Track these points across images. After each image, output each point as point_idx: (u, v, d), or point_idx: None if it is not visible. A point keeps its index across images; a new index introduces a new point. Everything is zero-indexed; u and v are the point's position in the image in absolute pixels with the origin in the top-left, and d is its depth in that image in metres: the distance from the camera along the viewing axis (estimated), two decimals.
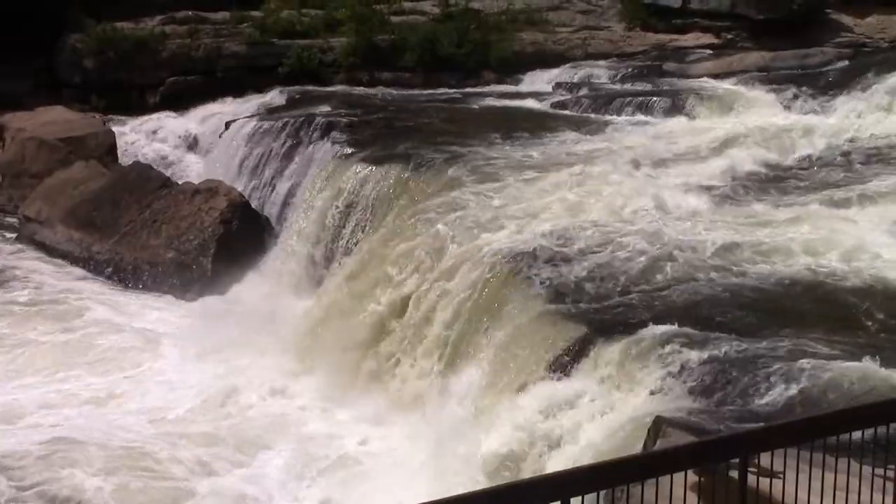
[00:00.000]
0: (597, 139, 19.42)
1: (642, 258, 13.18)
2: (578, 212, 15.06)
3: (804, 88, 22.28)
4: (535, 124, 20.74)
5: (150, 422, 14.20)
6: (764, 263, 12.92)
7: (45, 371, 15.78)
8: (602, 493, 5.28)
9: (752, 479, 5.69)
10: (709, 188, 16.35)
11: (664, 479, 5.34)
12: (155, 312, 18.20)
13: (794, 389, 9.35)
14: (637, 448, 8.74)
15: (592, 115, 22.03)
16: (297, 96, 25.43)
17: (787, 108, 21.56)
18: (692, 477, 6.30)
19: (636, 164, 17.35)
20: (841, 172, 17.37)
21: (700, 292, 12.16)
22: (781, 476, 5.75)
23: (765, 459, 5.73)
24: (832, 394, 9.17)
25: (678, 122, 20.77)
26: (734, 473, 5.71)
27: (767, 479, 6.29)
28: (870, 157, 18.17)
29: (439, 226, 14.98)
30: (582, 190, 15.88)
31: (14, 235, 21.78)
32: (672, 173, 17.02)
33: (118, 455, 13.21)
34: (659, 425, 8.70)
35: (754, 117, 20.74)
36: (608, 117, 21.74)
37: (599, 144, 18.93)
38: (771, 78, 23.71)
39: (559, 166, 17.22)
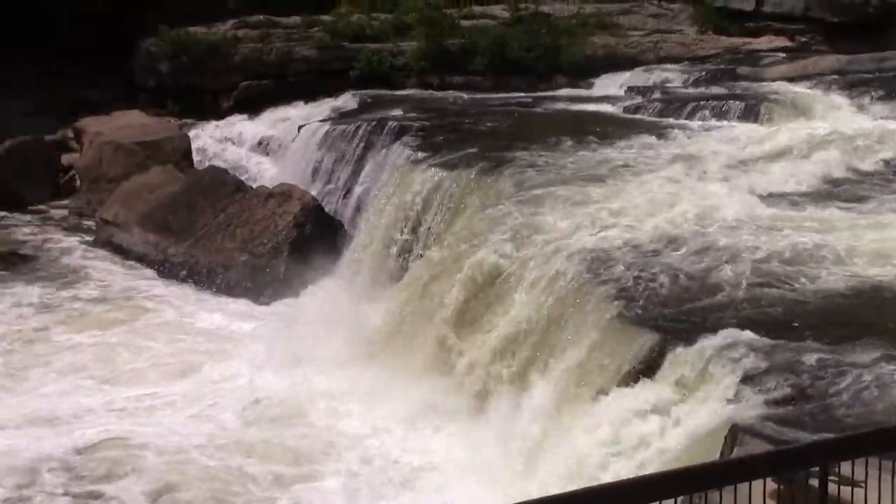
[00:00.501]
0: (670, 144, 19.30)
1: (715, 264, 13.07)
2: (651, 216, 14.95)
3: (882, 92, 22.00)
4: (608, 129, 20.65)
5: (209, 432, 13.91)
6: (842, 270, 12.75)
7: (102, 373, 15.81)
8: (679, 499, 5.28)
9: (832, 487, 5.64)
10: (784, 194, 16.18)
11: (742, 487, 5.32)
12: (227, 315, 18.29)
13: (875, 398, 9.24)
14: (713, 456, 8.70)
15: (665, 119, 21.87)
16: (368, 100, 25.63)
17: (864, 112, 21.29)
18: (771, 485, 6.26)
19: (711, 169, 17.26)
20: None
21: (775, 299, 12.04)
22: (863, 485, 5.70)
23: (846, 468, 5.68)
24: None
25: (753, 127, 20.54)
26: (814, 482, 5.68)
27: (848, 488, 6.24)
28: None
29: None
30: (652, 196, 15.80)
31: (91, 238, 22.15)
32: (747, 178, 16.86)
33: (171, 465, 12.93)
34: (735, 434, 8.66)
35: (830, 121, 20.48)
36: (681, 121, 21.58)
37: (673, 149, 18.81)
38: (847, 81, 23.40)
39: (632, 170, 17.18)
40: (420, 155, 19.08)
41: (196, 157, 24.80)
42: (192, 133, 25.76)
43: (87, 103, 26.11)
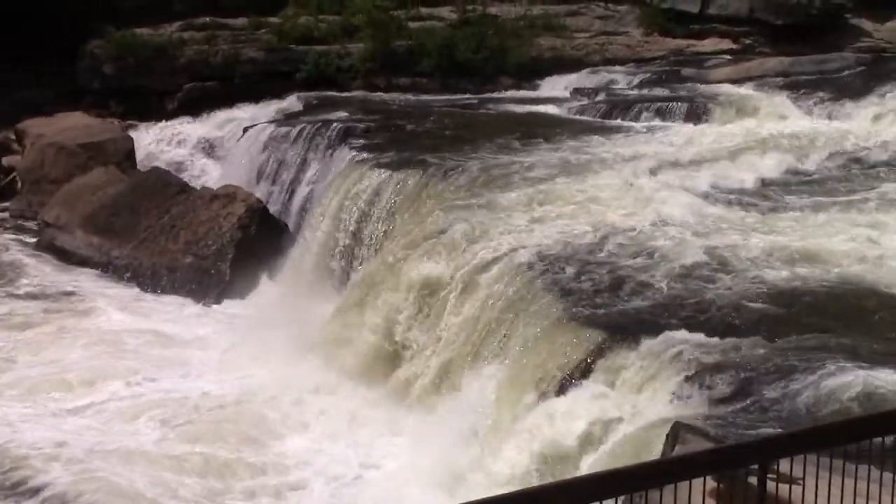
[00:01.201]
0: (612, 144, 19.36)
1: (656, 264, 13.13)
2: (589, 217, 14.97)
3: (823, 93, 22.25)
4: (552, 130, 20.69)
5: (135, 444, 13.37)
6: (782, 269, 12.85)
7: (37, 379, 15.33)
8: (620, 498, 5.25)
9: (771, 485, 5.64)
10: (726, 193, 16.30)
11: (682, 485, 5.31)
12: (168, 317, 18.08)
13: (814, 396, 9.30)
14: (655, 454, 8.71)
15: (610, 121, 22.00)
16: (314, 102, 25.50)
17: (806, 113, 21.51)
18: (711, 483, 6.27)
19: (651, 170, 17.33)
20: (860, 177, 17.31)
21: (718, 298, 12.10)
22: (801, 482, 5.72)
23: (785, 466, 5.69)
24: (853, 400, 9.12)
25: (696, 128, 20.72)
26: (753, 479, 5.68)
27: (787, 486, 6.26)
28: (889, 161, 18.10)
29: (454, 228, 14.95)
30: (597, 196, 15.83)
31: (33, 240, 21.85)
32: (688, 178, 16.95)
33: (80, 480, 12.27)
34: (677, 431, 8.67)
35: (773, 122, 20.70)
36: (626, 122, 21.72)
37: (615, 149, 18.87)
38: (789, 83, 23.66)
39: (574, 171, 17.22)
40: (364, 156, 19.01)
41: (140, 159, 24.54)
42: (135, 134, 25.50)
43: (29, 105, 25.77)
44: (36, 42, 26.75)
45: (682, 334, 10.86)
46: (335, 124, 21.37)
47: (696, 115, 21.55)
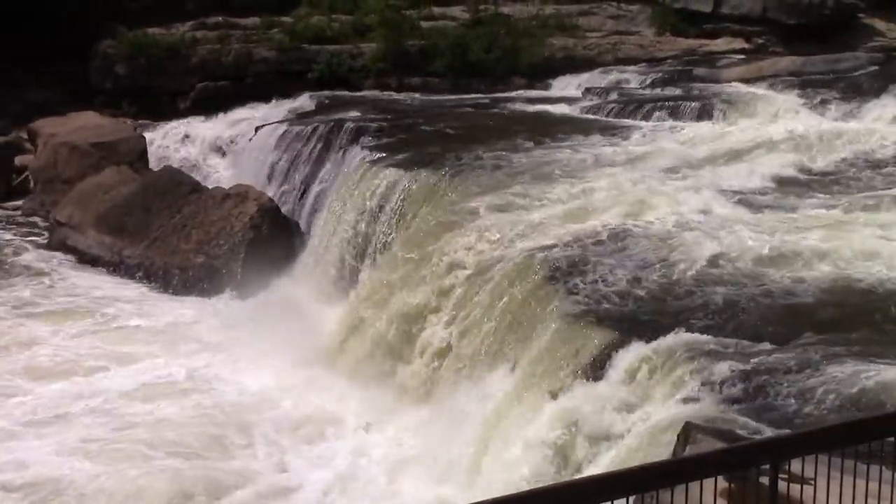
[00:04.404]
0: (624, 143, 19.35)
1: (668, 264, 13.09)
2: (604, 217, 14.95)
3: (835, 93, 22.17)
4: (564, 129, 20.67)
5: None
6: (795, 270, 12.80)
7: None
8: (631, 498, 5.25)
9: (782, 485, 5.63)
10: (738, 193, 16.21)
11: (694, 486, 5.30)
12: (179, 316, 18.14)
13: (826, 396, 9.27)
14: (667, 454, 8.69)
15: (622, 120, 21.96)
16: (326, 101, 25.56)
17: (818, 112, 21.42)
18: (722, 483, 6.25)
19: (663, 169, 17.30)
20: (872, 178, 17.20)
21: (730, 298, 12.05)
22: (812, 483, 5.70)
23: (796, 466, 5.67)
24: (866, 400, 9.09)
25: (708, 127, 20.66)
26: (764, 480, 5.66)
27: (798, 486, 6.24)
28: None
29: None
30: (609, 195, 15.81)
31: (45, 240, 21.90)
32: (700, 178, 16.91)
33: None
34: (689, 431, 8.64)
35: (785, 122, 20.62)
36: (637, 122, 21.68)
37: (626, 149, 18.86)
38: (802, 83, 23.58)
39: (585, 169, 17.21)
40: (376, 156, 19.01)
41: (152, 159, 24.61)
42: (148, 134, 25.59)
43: (33, 105, 25.88)
44: (36, 42, 26.86)
45: (695, 334, 10.84)
46: (347, 124, 21.39)
47: (708, 114, 21.49)
